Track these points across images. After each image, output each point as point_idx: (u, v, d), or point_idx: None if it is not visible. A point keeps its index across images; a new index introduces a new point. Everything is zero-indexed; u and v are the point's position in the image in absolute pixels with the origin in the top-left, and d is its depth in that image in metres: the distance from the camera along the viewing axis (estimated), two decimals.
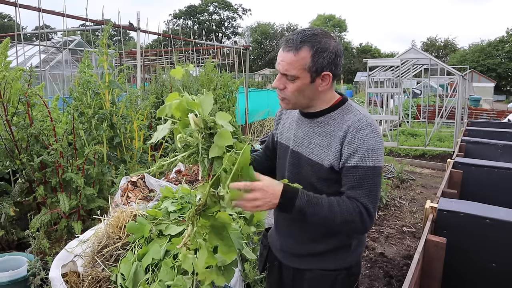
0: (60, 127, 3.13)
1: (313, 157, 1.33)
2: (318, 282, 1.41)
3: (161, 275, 1.89)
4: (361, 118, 1.28)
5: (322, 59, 1.23)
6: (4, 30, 33.82)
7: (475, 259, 1.91)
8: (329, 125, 1.32)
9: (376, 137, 1.26)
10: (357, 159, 1.24)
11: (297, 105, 1.35)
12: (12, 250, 2.86)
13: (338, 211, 1.22)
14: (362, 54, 48.62)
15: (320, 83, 1.28)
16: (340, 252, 1.41)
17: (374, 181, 1.25)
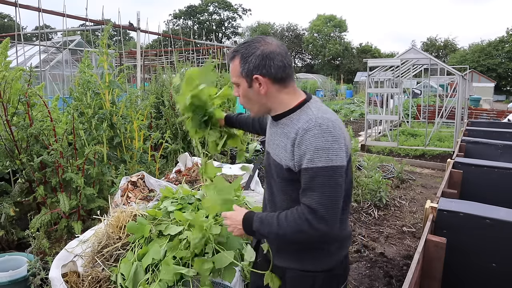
0: (60, 127, 3.13)
1: (275, 157, 1.38)
2: (297, 282, 1.44)
3: (161, 275, 1.89)
4: (311, 119, 1.28)
5: (248, 64, 1.32)
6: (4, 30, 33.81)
7: (475, 259, 1.91)
8: (287, 126, 1.35)
9: (326, 136, 1.24)
10: (306, 161, 1.24)
11: (255, 110, 1.45)
12: (12, 250, 2.86)
13: (286, 225, 1.27)
14: (362, 54, 48.61)
15: (258, 87, 1.34)
16: (317, 254, 1.40)
17: (326, 181, 1.23)
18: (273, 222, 1.31)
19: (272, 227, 1.31)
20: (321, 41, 50.72)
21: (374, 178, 4.91)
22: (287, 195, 1.37)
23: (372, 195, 4.85)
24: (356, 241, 3.81)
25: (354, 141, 6.32)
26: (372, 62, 8.81)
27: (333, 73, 42.93)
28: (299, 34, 55.04)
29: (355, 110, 17.78)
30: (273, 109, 1.41)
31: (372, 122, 10.02)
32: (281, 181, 1.38)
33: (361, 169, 5.89)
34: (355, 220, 4.34)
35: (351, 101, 23.50)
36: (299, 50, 56.33)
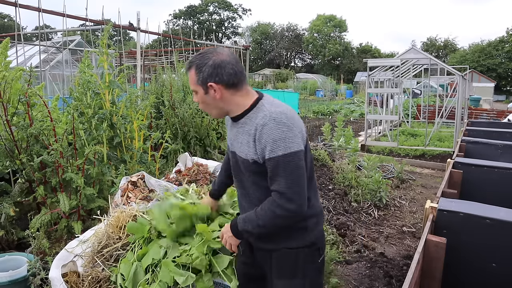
0: (60, 127, 3.13)
1: (241, 154, 1.54)
2: (283, 259, 1.61)
3: (161, 276, 1.89)
4: (266, 115, 1.45)
5: (202, 73, 1.49)
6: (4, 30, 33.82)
7: (475, 259, 1.91)
8: (247, 124, 1.52)
9: (281, 127, 1.41)
10: (268, 152, 1.41)
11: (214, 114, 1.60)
12: (12, 250, 2.86)
13: (263, 215, 1.46)
14: (362, 54, 48.59)
15: (213, 93, 1.50)
16: (299, 232, 1.58)
17: (287, 166, 1.40)
18: (253, 217, 1.50)
19: (253, 221, 1.49)
20: (321, 41, 50.71)
21: (374, 178, 4.90)
22: (259, 186, 1.54)
23: (372, 195, 4.85)
24: (356, 241, 3.80)
25: (354, 141, 6.32)
26: (372, 62, 8.81)
27: (333, 73, 42.95)
28: (299, 34, 55.01)
29: (355, 110, 17.78)
30: (231, 111, 1.57)
31: (372, 122, 10.01)
32: (251, 175, 1.54)
33: (361, 169, 5.89)
34: (355, 220, 4.34)
35: (351, 101, 23.50)
36: (299, 50, 56.32)
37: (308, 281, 1.62)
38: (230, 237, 1.60)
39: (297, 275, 1.60)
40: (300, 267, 1.60)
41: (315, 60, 55.11)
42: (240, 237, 1.59)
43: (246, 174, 1.57)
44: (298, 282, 1.60)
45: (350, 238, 3.86)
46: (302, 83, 33.42)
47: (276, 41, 55.38)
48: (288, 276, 1.61)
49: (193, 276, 1.87)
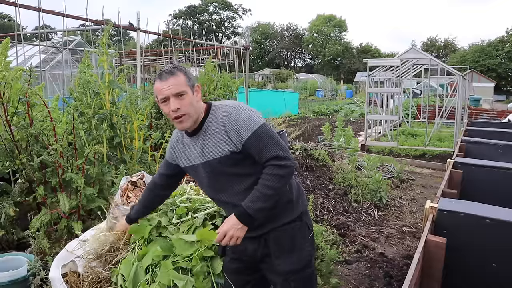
0: (60, 127, 3.12)
1: (216, 155, 1.64)
2: (279, 237, 1.72)
3: (160, 277, 1.89)
4: (225, 108, 1.65)
5: (190, 75, 1.66)
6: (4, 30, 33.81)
7: (475, 259, 1.91)
8: (210, 127, 1.66)
9: (243, 110, 1.62)
10: (244, 133, 1.58)
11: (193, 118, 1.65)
12: (12, 250, 2.86)
13: (270, 184, 1.57)
14: (362, 54, 48.58)
15: (196, 94, 1.67)
16: (285, 207, 1.72)
17: (267, 134, 1.60)
18: (258, 194, 1.58)
19: (262, 196, 1.58)
20: (321, 41, 50.71)
21: (374, 178, 4.90)
22: (241, 176, 1.66)
23: (372, 195, 4.85)
24: (356, 241, 3.80)
25: (354, 141, 6.32)
26: (372, 62, 8.81)
27: (333, 73, 42.93)
28: (299, 34, 55.00)
29: (355, 110, 17.77)
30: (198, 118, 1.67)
31: (372, 122, 10.01)
32: (231, 168, 1.65)
33: (361, 169, 5.89)
34: (355, 220, 4.34)
35: (351, 101, 23.50)
36: (299, 50, 56.32)
37: (303, 255, 1.75)
38: (239, 229, 1.60)
39: (294, 251, 1.73)
40: (296, 242, 1.73)
41: (315, 60, 55.10)
42: (252, 223, 1.61)
43: (227, 171, 1.66)
44: (295, 257, 1.73)
45: (350, 238, 3.86)
46: (302, 83, 33.41)
47: (276, 41, 55.36)
48: (286, 252, 1.72)
49: (192, 280, 1.88)
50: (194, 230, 2.05)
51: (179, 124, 1.66)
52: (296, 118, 15.44)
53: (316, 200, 4.42)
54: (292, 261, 1.71)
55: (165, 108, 1.64)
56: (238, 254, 1.81)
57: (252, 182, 1.64)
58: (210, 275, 1.93)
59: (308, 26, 53.84)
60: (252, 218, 1.59)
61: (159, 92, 1.63)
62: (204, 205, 2.27)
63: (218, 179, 1.70)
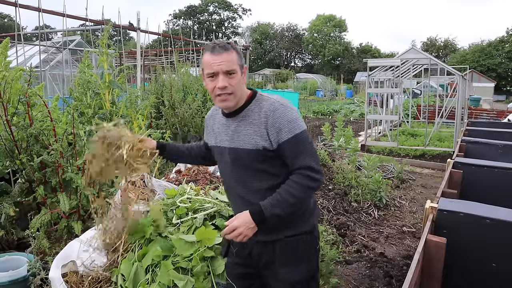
0: (60, 127, 3.12)
1: (247, 146, 1.57)
2: (287, 247, 1.65)
3: (160, 277, 1.89)
4: (273, 102, 1.57)
5: (240, 56, 1.59)
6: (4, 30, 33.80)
7: (475, 259, 1.90)
8: (250, 116, 1.59)
9: (290, 111, 1.55)
10: (285, 133, 1.52)
11: (236, 99, 1.59)
12: (12, 250, 2.86)
13: (295, 192, 1.52)
14: (362, 54, 48.57)
15: (243, 76, 1.60)
16: (301, 218, 1.66)
17: (307, 142, 1.55)
18: (280, 199, 1.52)
19: (283, 202, 1.52)
20: (321, 41, 50.69)
21: (374, 178, 4.90)
22: (265, 174, 1.60)
23: (372, 195, 4.85)
24: (356, 241, 3.80)
25: (354, 141, 6.32)
26: (372, 62, 8.81)
27: (333, 73, 42.92)
28: (299, 34, 55.00)
29: (355, 110, 17.77)
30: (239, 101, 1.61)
31: (372, 122, 10.01)
32: (259, 164, 1.58)
33: (361, 169, 5.89)
34: (355, 220, 4.34)
35: (351, 101, 23.49)
36: (299, 50, 56.31)
37: (311, 265, 1.70)
38: (250, 228, 1.53)
39: (302, 262, 1.67)
40: (304, 254, 1.68)
41: (315, 60, 55.09)
42: (264, 225, 1.55)
43: (251, 165, 1.59)
44: (303, 268, 1.67)
45: (350, 238, 3.86)
46: (302, 83, 33.41)
47: (276, 41, 55.35)
48: (293, 263, 1.66)
49: (192, 280, 1.88)
50: (194, 230, 2.06)
51: (221, 102, 1.58)
52: None
53: (316, 200, 4.42)
54: (300, 271, 1.67)
55: (211, 83, 1.56)
56: (242, 259, 1.75)
57: (275, 183, 1.58)
58: (210, 275, 1.93)
59: (308, 26, 53.88)
60: (266, 221, 1.53)
61: (209, 66, 1.54)
62: (204, 206, 2.27)
63: (240, 169, 1.63)
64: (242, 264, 1.76)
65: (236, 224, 1.54)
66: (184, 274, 1.91)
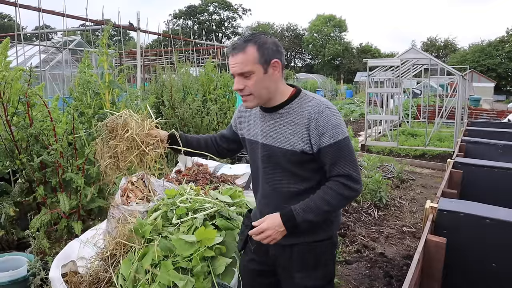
0: (60, 127, 3.13)
1: (283, 145, 1.50)
2: (305, 253, 1.59)
3: (160, 277, 1.89)
4: (318, 103, 1.48)
5: (267, 50, 1.44)
6: (4, 30, 33.79)
7: (475, 259, 1.90)
8: (291, 114, 1.50)
9: (336, 114, 1.47)
10: (328, 138, 1.44)
11: (261, 99, 1.50)
12: (12, 250, 2.86)
13: (330, 199, 1.46)
14: (362, 54, 48.57)
15: (272, 72, 1.46)
16: (323, 225, 1.59)
17: (348, 149, 1.47)
18: (314, 206, 1.46)
19: (317, 209, 1.46)
20: (321, 41, 50.70)
21: (374, 178, 4.90)
22: (297, 177, 1.52)
23: (372, 195, 4.85)
24: (356, 241, 3.80)
25: (354, 141, 6.32)
26: (372, 62, 8.81)
27: (333, 73, 42.90)
28: (299, 34, 55.00)
29: (355, 110, 17.77)
30: (274, 99, 1.52)
31: (372, 122, 10.01)
32: (292, 166, 1.51)
33: (361, 169, 5.89)
34: (355, 220, 4.34)
35: (351, 101, 23.49)
36: (299, 50, 56.30)
37: (327, 271, 1.66)
38: (279, 232, 1.48)
39: (319, 267, 1.62)
40: (322, 260, 1.62)
41: (315, 60, 55.08)
42: (294, 231, 1.50)
43: (286, 166, 1.52)
44: (319, 273, 1.62)
45: (350, 238, 3.86)
46: (302, 83, 33.39)
47: None
48: (310, 268, 1.61)
49: (192, 280, 1.88)
50: (194, 230, 2.05)
51: (244, 103, 1.53)
52: None
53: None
54: (316, 277, 1.62)
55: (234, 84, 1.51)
56: (259, 255, 1.70)
57: (305, 188, 1.52)
58: (211, 275, 1.93)
59: (308, 26, 53.87)
60: (297, 226, 1.48)
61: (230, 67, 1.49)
62: (204, 206, 2.27)
63: (271, 167, 1.56)
64: (259, 261, 1.71)
65: (265, 226, 1.48)
66: (184, 274, 1.91)
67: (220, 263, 1.96)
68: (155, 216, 2.24)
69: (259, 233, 1.49)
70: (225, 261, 1.96)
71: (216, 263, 1.96)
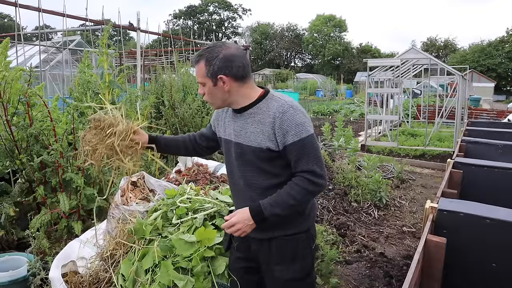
0: (60, 127, 3.13)
1: (252, 143, 1.60)
2: (283, 246, 1.68)
3: (159, 277, 1.89)
4: (283, 103, 1.57)
5: (212, 66, 1.55)
6: (4, 30, 33.79)
7: (475, 259, 1.90)
8: (258, 114, 1.60)
9: (299, 114, 1.56)
10: (292, 136, 1.52)
11: (217, 105, 1.66)
12: (12, 250, 2.86)
13: (295, 194, 1.55)
14: (362, 54, 48.56)
15: (222, 85, 1.57)
16: (299, 218, 1.68)
17: (312, 146, 1.55)
18: (280, 200, 1.56)
19: (283, 203, 1.55)
20: (321, 41, 50.69)
21: (374, 178, 4.90)
22: (267, 173, 1.62)
23: (372, 195, 4.85)
24: (356, 241, 3.80)
25: (354, 141, 6.32)
26: (372, 62, 8.81)
27: (333, 73, 42.90)
28: (299, 34, 54.99)
29: (355, 110, 17.76)
30: (235, 102, 1.64)
31: (372, 122, 10.01)
32: (261, 163, 1.61)
33: (361, 169, 5.89)
34: (355, 220, 4.34)
35: (351, 101, 23.49)
36: (299, 50, 56.29)
37: (305, 264, 1.73)
38: (248, 225, 1.58)
39: (297, 260, 1.70)
40: (299, 253, 1.70)
41: (315, 60, 55.08)
42: (263, 224, 1.60)
43: (255, 163, 1.62)
44: (298, 266, 1.70)
45: (350, 238, 3.86)
46: (302, 83, 33.40)
47: (276, 41, 55.35)
48: (288, 261, 1.69)
49: (192, 280, 1.88)
50: (194, 230, 2.05)
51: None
52: None
53: (316, 200, 4.42)
54: (295, 270, 1.70)
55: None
56: (243, 252, 1.80)
57: (276, 183, 1.61)
58: (211, 275, 1.93)
59: (308, 26, 53.86)
60: (265, 220, 1.57)
61: None
62: (204, 206, 2.27)
63: (244, 165, 1.67)
64: (244, 258, 1.81)
65: (235, 220, 1.59)
66: (184, 274, 1.91)
67: (220, 263, 1.97)
68: (155, 216, 2.24)
69: (230, 226, 1.59)
70: (225, 261, 1.96)
71: (216, 263, 1.96)
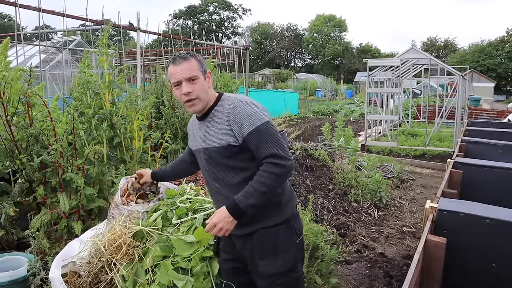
0: (60, 127, 3.12)
1: (215, 144, 1.68)
2: (263, 238, 1.71)
3: (159, 277, 1.89)
4: (233, 100, 1.69)
5: (201, 63, 1.72)
6: (4, 30, 33.80)
7: (475, 259, 1.90)
8: (216, 116, 1.71)
9: (250, 106, 1.65)
10: (247, 127, 1.61)
11: (204, 101, 1.71)
12: (12, 250, 2.86)
13: (265, 181, 1.58)
14: (362, 54, 48.56)
15: (208, 80, 1.73)
16: (273, 209, 1.71)
17: (269, 132, 1.61)
18: (252, 189, 1.59)
19: (255, 192, 1.58)
20: (321, 41, 50.70)
21: (374, 178, 4.90)
22: (236, 169, 1.68)
23: (372, 195, 4.85)
24: (356, 241, 3.80)
25: (354, 141, 6.32)
26: (372, 62, 8.81)
27: (333, 73, 42.92)
28: (299, 34, 54.99)
29: (355, 110, 17.77)
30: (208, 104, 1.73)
31: (372, 122, 10.01)
32: (227, 160, 1.68)
33: (361, 169, 5.89)
34: (355, 220, 4.34)
35: (351, 101, 23.50)
36: (299, 50, 56.30)
37: (288, 257, 1.73)
38: (228, 222, 1.61)
39: (278, 253, 1.71)
40: (281, 245, 1.72)
41: (315, 60, 55.07)
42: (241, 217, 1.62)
43: (222, 162, 1.69)
44: (280, 260, 1.71)
45: (350, 238, 3.86)
46: (302, 83, 33.40)
47: (276, 41, 55.34)
48: (270, 254, 1.71)
49: (192, 280, 1.88)
50: (194, 230, 2.05)
51: (190, 107, 1.71)
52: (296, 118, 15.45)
53: (316, 200, 4.42)
54: (277, 264, 1.70)
55: (177, 91, 1.70)
56: (229, 253, 1.84)
57: (247, 176, 1.66)
58: (210, 275, 1.93)
59: (308, 26, 53.86)
60: (242, 212, 1.60)
61: (172, 76, 1.69)
62: (204, 206, 2.27)
63: (214, 167, 1.73)
64: (231, 259, 1.84)
65: (215, 220, 1.63)
66: (184, 274, 1.91)
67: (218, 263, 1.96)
68: (155, 216, 2.24)
69: (211, 227, 1.64)
70: None
71: (215, 264, 1.96)
